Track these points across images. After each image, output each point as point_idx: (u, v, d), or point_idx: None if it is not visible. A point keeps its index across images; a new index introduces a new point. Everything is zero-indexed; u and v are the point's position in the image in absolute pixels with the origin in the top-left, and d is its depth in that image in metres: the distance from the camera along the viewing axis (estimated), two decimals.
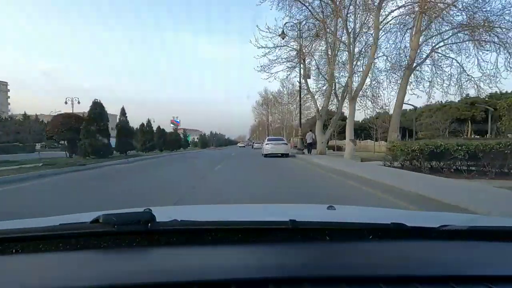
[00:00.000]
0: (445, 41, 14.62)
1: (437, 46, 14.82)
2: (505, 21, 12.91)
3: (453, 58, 15.00)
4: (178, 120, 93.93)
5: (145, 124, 24.19)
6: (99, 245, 0.78)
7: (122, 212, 0.81)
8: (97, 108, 15.43)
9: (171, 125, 62.47)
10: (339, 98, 17.69)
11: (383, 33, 15.09)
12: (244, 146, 65.48)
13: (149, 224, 0.77)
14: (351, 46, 14.71)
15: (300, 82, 19.30)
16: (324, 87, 19.31)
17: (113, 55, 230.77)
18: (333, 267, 0.71)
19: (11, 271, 0.70)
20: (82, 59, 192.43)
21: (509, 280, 0.67)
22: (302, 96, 20.66)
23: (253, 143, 55.67)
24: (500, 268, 0.74)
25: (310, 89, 19.43)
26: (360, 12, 14.68)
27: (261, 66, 18.57)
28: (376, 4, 13.62)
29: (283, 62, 18.68)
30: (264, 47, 17.74)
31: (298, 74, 19.18)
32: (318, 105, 19.10)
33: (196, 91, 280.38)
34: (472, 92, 17.42)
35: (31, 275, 0.68)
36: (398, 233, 0.87)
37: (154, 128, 27.18)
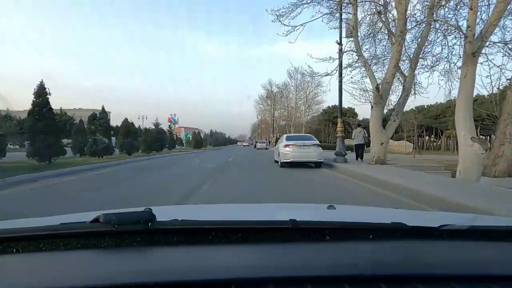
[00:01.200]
0: None
1: None
2: None
3: None
4: (176, 118, 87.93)
5: (97, 116, 15.65)
6: (99, 245, 0.77)
7: (122, 212, 0.79)
8: None
9: (169, 123, 57.64)
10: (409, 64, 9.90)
11: None
12: (248, 145, 60.18)
13: (150, 224, 0.76)
14: None
15: (340, 42, 11.52)
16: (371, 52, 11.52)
17: (113, 54, 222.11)
18: (333, 267, 0.70)
19: (12, 271, 0.70)
20: (82, 59, 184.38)
21: (509, 280, 0.66)
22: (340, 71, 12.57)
23: (256, 142, 49.23)
24: (500, 268, 0.73)
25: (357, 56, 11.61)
26: None
27: (277, 11, 10.81)
28: None
29: (314, 2, 10.89)
30: None
31: (338, 26, 11.43)
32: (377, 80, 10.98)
33: (196, 90, 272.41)
34: None
35: (31, 275, 0.67)
36: (398, 232, 0.86)
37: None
